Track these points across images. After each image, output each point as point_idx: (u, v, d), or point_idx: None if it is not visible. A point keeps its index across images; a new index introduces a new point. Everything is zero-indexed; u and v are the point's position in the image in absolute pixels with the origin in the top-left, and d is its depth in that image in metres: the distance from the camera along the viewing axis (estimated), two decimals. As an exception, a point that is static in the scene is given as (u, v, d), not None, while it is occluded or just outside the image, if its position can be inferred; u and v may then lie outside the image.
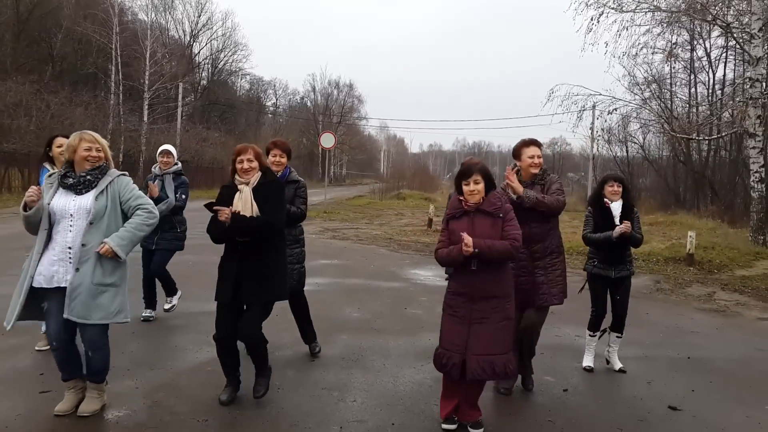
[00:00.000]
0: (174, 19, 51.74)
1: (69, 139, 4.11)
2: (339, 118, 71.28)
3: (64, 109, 29.86)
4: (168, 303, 6.76)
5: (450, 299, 4.14)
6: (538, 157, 4.88)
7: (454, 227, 4.10)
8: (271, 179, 4.45)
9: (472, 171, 4.10)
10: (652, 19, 18.10)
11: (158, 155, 6.62)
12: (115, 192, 4.05)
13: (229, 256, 4.36)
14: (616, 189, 5.61)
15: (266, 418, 4.24)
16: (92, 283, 3.90)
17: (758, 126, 15.15)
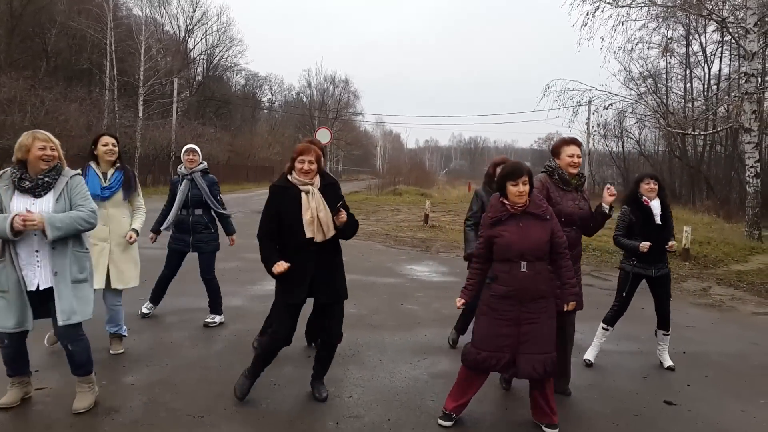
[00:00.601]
0: (169, 14, 51.71)
1: (21, 138, 3.95)
2: (335, 113, 71.13)
3: (59, 105, 29.74)
4: (210, 318, 6.46)
5: (495, 302, 4.01)
6: (578, 157, 4.72)
7: (502, 232, 3.98)
8: (331, 181, 4.41)
9: (522, 171, 3.96)
10: (647, 14, 18.15)
11: (183, 154, 6.46)
12: (69, 192, 3.98)
13: (301, 258, 4.20)
14: (653, 186, 5.60)
15: (262, 414, 4.23)
16: (71, 281, 3.93)
17: (753, 121, 15.19)
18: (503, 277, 3.98)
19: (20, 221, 3.67)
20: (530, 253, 3.93)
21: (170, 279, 6.56)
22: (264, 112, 70.51)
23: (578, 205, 4.69)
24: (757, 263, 12.37)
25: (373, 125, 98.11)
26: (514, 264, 3.94)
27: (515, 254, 3.93)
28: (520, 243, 3.93)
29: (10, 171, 3.92)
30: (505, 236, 3.95)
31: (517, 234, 3.94)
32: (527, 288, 3.94)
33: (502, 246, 3.96)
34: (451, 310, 7.44)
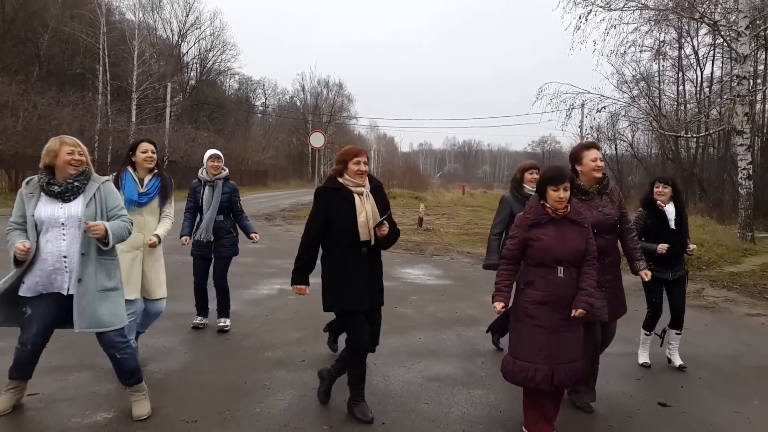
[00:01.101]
0: (162, 18, 51.60)
1: (49, 143, 3.94)
2: (329, 117, 71.18)
3: (52, 109, 29.67)
4: (223, 322, 6.47)
5: (531, 309, 3.91)
6: (600, 160, 4.55)
7: (540, 236, 3.91)
8: (377, 184, 4.33)
9: (564, 177, 3.91)
10: (640, 17, 18.18)
11: (207, 160, 6.33)
12: (102, 199, 3.98)
13: (356, 264, 4.13)
14: (662, 190, 5.61)
15: (256, 418, 4.21)
16: (97, 290, 3.89)
17: (746, 123, 15.26)
18: (540, 283, 3.91)
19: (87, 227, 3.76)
20: (567, 259, 3.89)
21: (204, 286, 6.50)
22: (258, 116, 70.43)
23: (603, 212, 4.51)
24: (750, 265, 12.41)
25: (367, 129, 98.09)
26: (551, 269, 3.89)
27: (552, 259, 3.88)
28: (559, 248, 3.88)
29: (38, 177, 3.92)
30: (544, 240, 3.89)
31: (555, 239, 3.89)
32: (564, 294, 3.89)
33: (540, 250, 3.90)
34: (446, 313, 7.45)
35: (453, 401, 4.69)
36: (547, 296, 3.88)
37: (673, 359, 5.80)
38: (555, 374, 3.85)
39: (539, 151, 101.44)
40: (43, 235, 3.86)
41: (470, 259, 13.00)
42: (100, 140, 34.48)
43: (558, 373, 3.86)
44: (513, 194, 5.67)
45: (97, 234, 3.79)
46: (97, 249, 3.92)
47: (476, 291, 9.31)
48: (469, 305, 8.17)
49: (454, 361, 5.72)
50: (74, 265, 3.86)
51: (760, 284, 10.47)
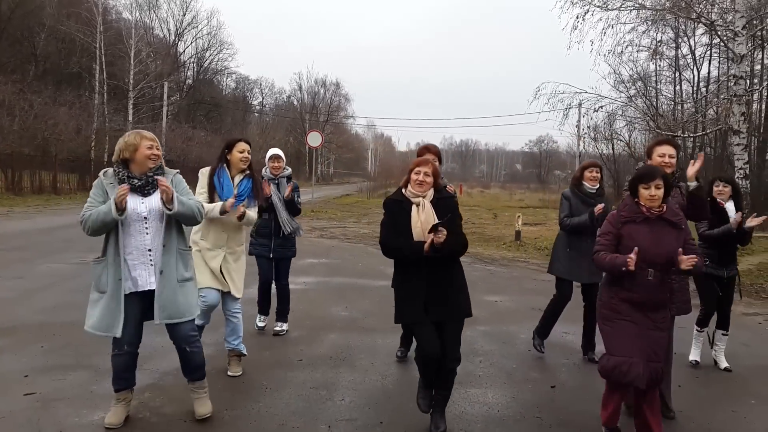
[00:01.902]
0: (158, 17, 51.66)
1: (127, 137, 3.93)
2: (326, 116, 71.17)
3: (48, 108, 29.60)
4: (279, 326, 6.45)
5: (619, 306, 3.85)
6: (670, 157, 4.51)
7: (632, 233, 3.81)
8: (446, 195, 4.25)
9: (655, 175, 3.82)
10: (637, 17, 18.19)
11: (268, 160, 6.30)
12: (175, 188, 3.95)
13: (414, 275, 4.05)
14: (723, 189, 5.71)
15: (254, 418, 4.21)
16: (177, 281, 3.93)
17: (742, 123, 15.27)
18: (628, 283, 3.82)
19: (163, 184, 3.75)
20: (661, 261, 3.78)
21: (269, 284, 6.49)
22: (255, 115, 70.42)
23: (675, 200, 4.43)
24: (746, 264, 12.41)
25: (365, 128, 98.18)
26: (642, 271, 3.74)
27: (645, 260, 3.73)
28: (652, 249, 3.75)
29: (113, 170, 3.91)
30: (637, 239, 3.78)
31: (649, 239, 3.77)
32: (651, 297, 3.81)
33: (630, 248, 3.72)
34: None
35: (450, 400, 4.66)
36: (633, 297, 3.81)
37: (719, 361, 5.84)
38: (646, 371, 3.74)
39: (536, 151, 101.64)
40: (125, 229, 3.83)
41: (467, 259, 12.99)
42: (96, 139, 34.43)
43: (647, 371, 3.75)
44: (572, 191, 5.94)
45: (165, 190, 3.76)
46: (176, 240, 3.97)
47: (474, 290, 9.23)
48: (467, 305, 8.16)
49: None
50: (158, 258, 3.88)
51: (756, 284, 10.49)
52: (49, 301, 7.32)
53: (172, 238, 3.95)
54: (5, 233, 13.95)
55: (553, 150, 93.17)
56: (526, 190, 64.95)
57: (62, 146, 29.70)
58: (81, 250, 11.56)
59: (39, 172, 27.20)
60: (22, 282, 8.34)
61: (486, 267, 11.95)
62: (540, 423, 4.35)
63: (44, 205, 22.32)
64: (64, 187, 28.56)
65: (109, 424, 3.94)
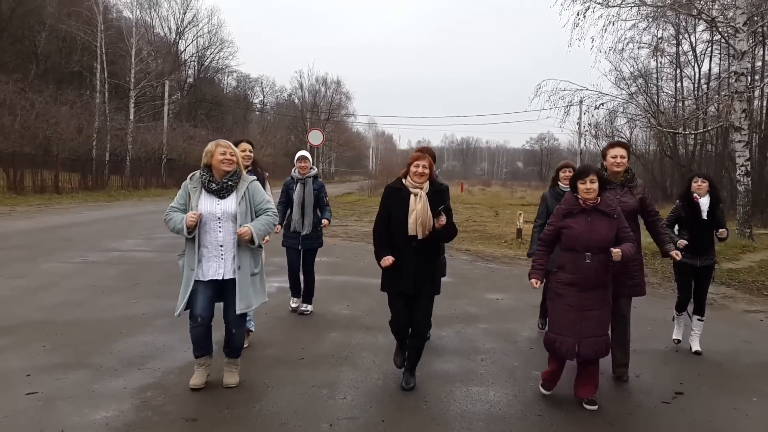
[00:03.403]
0: (159, 16, 51.62)
1: (208, 146, 4.60)
2: (327, 115, 71.11)
3: (49, 108, 29.62)
4: (304, 306, 7.23)
5: (560, 289, 4.50)
6: (621, 158, 5.20)
7: (572, 224, 4.45)
8: (440, 188, 4.87)
9: (588, 171, 4.46)
10: (637, 14, 18.20)
11: (297, 161, 7.06)
12: (250, 196, 4.62)
13: (406, 253, 4.70)
14: (701, 184, 6.11)
15: (255, 417, 4.21)
16: (250, 275, 4.60)
17: (744, 120, 15.25)
18: (569, 267, 4.46)
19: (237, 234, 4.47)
20: (596, 246, 4.39)
21: (297, 273, 7.25)
22: (256, 113, 70.44)
23: (620, 200, 5.01)
24: (748, 261, 12.42)
25: (366, 126, 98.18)
26: (580, 255, 4.41)
27: (581, 246, 4.40)
28: (587, 236, 4.39)
29: (199, 174, 4.59)
30: (575, 228, 4.43)
31: (585, 228, 4.41)
32: (590, 277, 4.40)
33: (571, 237, 4.44)
34: (445, 311, 7.45)
35: (452, 399, 4.69)
36: (575, 279, 4.43)
37: (692, 345, 6.19)
38: (581, 347, 4.41)
39: (537, 148, 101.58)
40: (202, 227, 4.50)
41: (468, 257, 13.00)
42: (98, 138, 34.43)
43: (583, 346, 4.41)
44: (550, 191, 6.44)
45: (246, 238, 4.47)
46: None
47: (475, 288, 9.31)
48: (468, 302, 8.18)
49: (452, 358, 5.73)
50: (228, 253, 4.54)
51: (758, 281, 10.48)
52: (50, 300, 7.32)
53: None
54: (7, 232, 13.97)
55: (554, 147, 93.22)
56: (528, 187, 64.98)
57: (64, 145, 29.71)
58: (82, 249, 11.58)
59: (40, 172, 27.18)
60: (23, 281, 8.35)
61: (487, 265, 11.95)
62: (542, 421, 4.35)
63: (46, 205, 22.33)
64: (65, 186, 28.54)
65: (193, 385, 4.64)
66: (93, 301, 7.38)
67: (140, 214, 20.43)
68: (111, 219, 18.58)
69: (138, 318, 6.65)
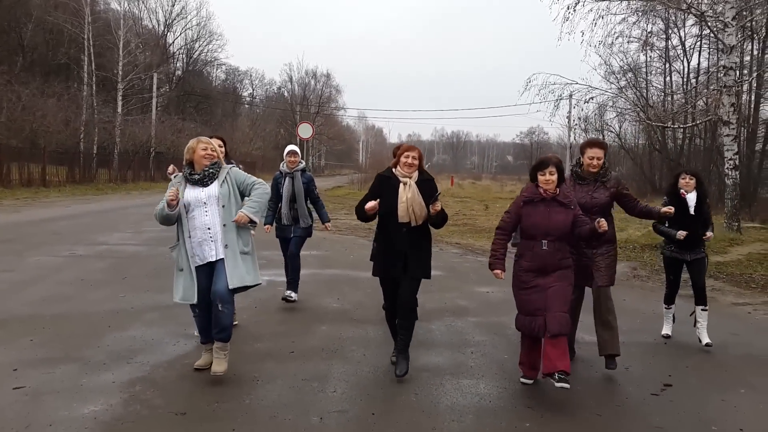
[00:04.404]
0: (147, 8, 51.07)
1: (189, 143, 4.82)
2: (317, 108, 70.91)
3: (36, 100, 29.34)
4: (288, 293, 7.28)
5: (522, 275, 4.72)
6: (598, 159, 5.29)
7: (531, 212, 4.68)
8: (428, 178, 5.10)
9: (548, 163, 4.67)
10: (627, 8, 18.24)
11: (286, 155, 7.18)
12: (233, 180, 4.81)
13: (396, 239, 4.94)
14: (689, 181, 6.18)
15: (245, 410, 4.20)
16: (240, 253, 4.72)
17: (732, 114, 15.32)
18: (527, 254, 4.72)
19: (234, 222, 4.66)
20: (552, 233, 4.63)
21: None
22: (245, 106, 70.10)
23: (592, 195, 5.26)
24: (736, 254, 12.50)
25: (356, 120, 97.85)
26: (537, 242, 4.65)
27: (539, 233, 4.63)
28: (544, 223, 4.63)
29: (184, 172, 4.80)
30: (533, 216, 4.67)
31: (543, 216, 4.64)
32: (547, 263, 4.64)
33: (529, 225, 4.68)
34: (435, 304, 7.46)
35: (442, 391, 4.69)
36: (533, 265, 4.67)
37: (701, 337, 6.16)
38: (548, 323, 4.51)
39: (527, 142, 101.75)
40: (190, 213, 4.70)
41: (459, 250, 13.01)
42: (85, 131, 34.16)
43: (549, 320, 4.51)
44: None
45: (243, 222, 4.67)
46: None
47: (465, 282, 9.32)
48: (458, 296, 8.18)
49: (443, 351, 5.73)
50: (217, 234, 4.69)
51: (746, 274, 10.55)
52: (38, 294, 7.27)
53: (232, 219, 4.68)
54: (-7, 226, 13.83)
55: (544, 141, 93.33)
56: (517, 181, 64.94)
57: (51, 138, 29.48)
58: (70, 242, 11.50)
59: (27, 165, 26.95)
60: (11, 275, 8.28)
61: (477, 258, 11.96)
62: (531, 413, 4.36)
63: (33, 198, 22.15)
64: (53, 179, 28.33)
65: (199, 365, 4.89)
66: (81, 295, 7.33)
67: (128, 207, 20.31)
68: (99, 212, 18.47)
69: (126, 312, 6.61)
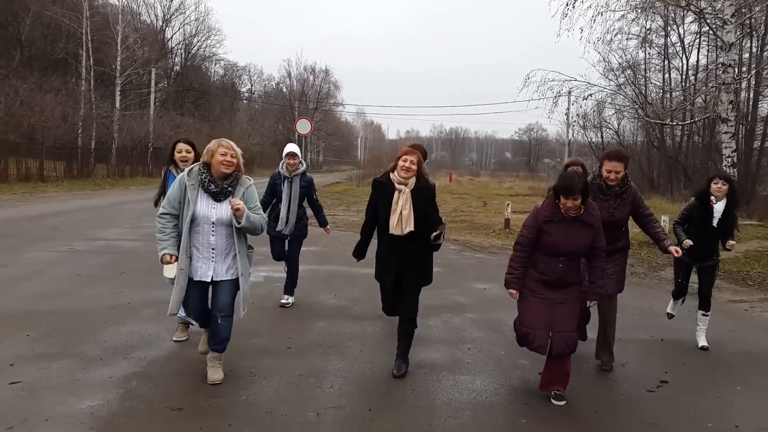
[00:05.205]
0: (146, 3, 50.88)
1: (210, 143, 4.42)
2: (315, 104, 70.80)
3: (34, 95, 29.22)
4: (285, 299, 7.07)
5: (532, 284, 4.51)
6: (616, 173, 5.08)
7: (552, 231, 4.38)
8: (425, 185, 4.93)
9: (574, 191, 4.25)
10: (626, 5, 18.18)
11: (285, 156, 6.74)
12: (245, 200, 4.44)
13: (390, 250, 4.89)
14: (721, 186, 5.86)
15: (242, 406, 4.20)
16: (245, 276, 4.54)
17: (730, 111, 15.32)
18: (541, 267, 4.47)
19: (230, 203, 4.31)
20: (571, 254, 4.42)
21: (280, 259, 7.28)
22: (243, 102, 69.97)
23: (612, 213, 5.09)
24: (733, 252, 12.48)
25: (354, 116, 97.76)
26: (553, 259, 4.42)
27: (559, 252, 4.39)
28: (565, 246, 4.37)
29: (198, 170, 4.42)
30: (554, 236, 4.38)
31: (564, 237, 4.37)
32: (561, 279, 4.44)
33: (549, 244, 4.40)
34: (431, 300, 7.45)
35: (439, 387, 4.70)
36: (545, 278, 4.44)
37: (699, 340, 6.11)
38: (553, 341, 4.36)
39: (526, 139, 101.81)
40: (194, 227, 4.41)
41: (457, 247, 13.01)
42: (83, 127, 34.08)
43: (555, 340, 4.36)
44: None
45: (238, 209, 4.28)
46: (236, 243, 4.50)
47: (463, 278, 9.33)
48: (456, 292, 8.19)
49: (440, 347, 5.73)
50: (219, 256, 4.47)
51: (743, 271, 10.58)
52: (35, 290, 7.25)
53: (243, 243, 4.54)
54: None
55: (542, 138, 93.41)
56: (516, 178, 65.09)
57: (48, 133, 29.39)
58: (67, 237, 11.48)
59: (25, 160, 26.90)
60: (7, 270, 8.27)
61: (475, 255, 11.97)
62: (528, 409, 4.37)
63: (30, 193, 22.11)
64: (50, 174, 28.28)
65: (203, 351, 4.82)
66: (78, 291, 7.32)
67: (126, 202, 20.28)
68: (97, 208, 18.43)
69: (124, 307, 6.60)
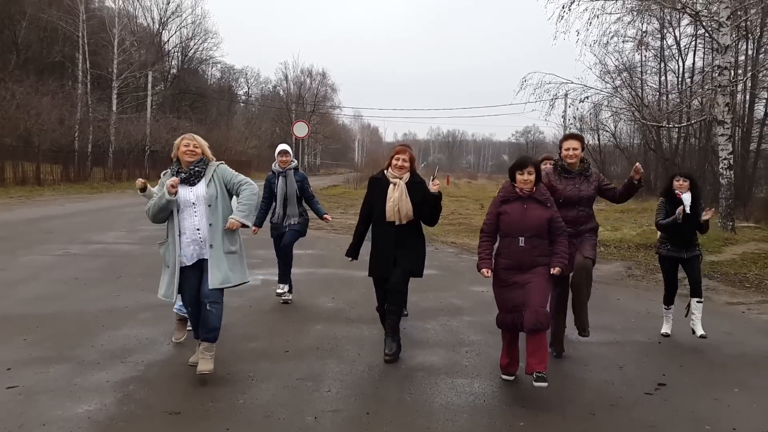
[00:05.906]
0: (142, 6, 50.68)
1: (176, 141, 4.86)
2: (312, 107, 70.78)
3: (30, 98, 29.18)
4: (280, 289, 7.25)
5: (500, 273, 4.80)
6: (574, 149, 5.57)
7: (508, 210, 4.79)
8: (419, 180, 5.37)
9: (526, 163, 4.79)
10: (622, 8, 18.15)
11: (277, 155, 7.20)
12: (220, 178, 4.80)
13: (384, 238, 5.29)
14: (682, 183, 6.38)
15: (239, 409, 4.19)
16: (224, 252, 4.71)
17: (727, 113, 15.34)
18: (504, 252, 4.81)
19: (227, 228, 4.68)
20: (529, 230, 4.71)
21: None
22: (240, 105, 69.91)
23: (578, 188, 5.54)
24: (730, 254, 12.52)
25: (351, 118, 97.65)
26: (514, 240, 4.74)
27: (516, 230, 4.73)
28: (522, 221, 4.73)
29: (171, 168, 4.81)
30: (510, 214, 4.78)
31: (519, 214, 4.75)
32: (524, 260, 4.72)
33: (506, 222, 4.78)
34: (429, 303, 7.46)
35: (437, 390, 4.69)
36: (510, 263, 4.76)
37: (696, 329, 6.32)
38: (525, 317, 4.57)
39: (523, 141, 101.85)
40: (180, 214, 4.70)
41: (454, 249, 13.02)
42: (80, 130, 34.02)
43: (526, 316, 4.55)
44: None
45: (236, 228, 4.69)
46: (222, 220, 4.72)
47: (460, 281, 9.33)
48: (453, 295, 8.19)
49: (437, 350, 5.73)
50: (206, 234, 4.69)
51: (740, 273, 10.58)
52: (31, 293, 7.24)
53: (218, 219, 4.71)
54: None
55: (539, 140, 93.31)
56: (513, 180, 64.98)
57: (45, 136, 29.34)
58: (64, 241, 11.45)
59: (22, 163, 26.85)
60: (4, 274, 8.25)
61: (473, 257, 11.95)
62: (526, 412, 4.36)
63: (27, 197, 22.07)
64: (47, 177, 28.23)
65: (193, 362, 4.88)
66: (75, 294, 7.31)
67: (123, 206, 20.24)
68: (93, 211, 18.41)
69: (120, 311, 6.59)
